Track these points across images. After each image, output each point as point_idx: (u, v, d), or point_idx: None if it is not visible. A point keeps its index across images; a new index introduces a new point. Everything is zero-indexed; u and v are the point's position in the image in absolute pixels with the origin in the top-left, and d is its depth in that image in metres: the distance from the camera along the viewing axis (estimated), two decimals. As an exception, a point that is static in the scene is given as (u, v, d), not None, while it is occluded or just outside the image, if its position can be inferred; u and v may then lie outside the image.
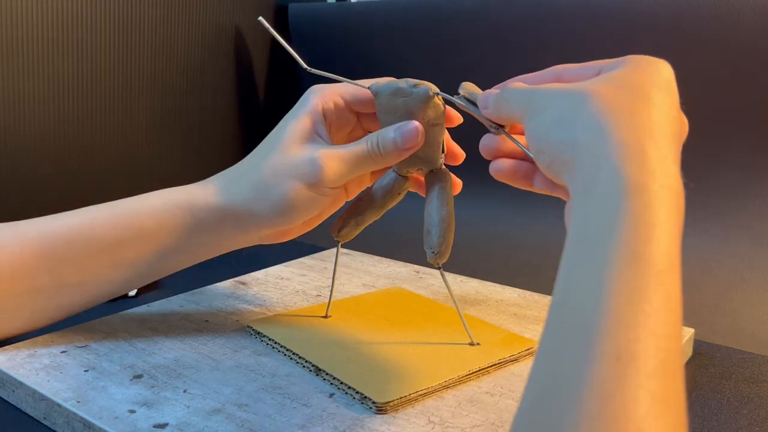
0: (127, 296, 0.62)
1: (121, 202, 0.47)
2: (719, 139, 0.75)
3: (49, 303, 0.46)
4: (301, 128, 0.44)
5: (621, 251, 0.26)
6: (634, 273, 0.25)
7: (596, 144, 0.30)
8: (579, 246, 0.28)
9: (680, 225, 0.28)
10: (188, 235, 0.46)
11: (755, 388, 0.48)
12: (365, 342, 0.47)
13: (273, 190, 0.44)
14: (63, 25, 0.76)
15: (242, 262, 0.72)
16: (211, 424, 0.37)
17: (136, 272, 0.47)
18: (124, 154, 0.85)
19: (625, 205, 0.27)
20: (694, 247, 0.74)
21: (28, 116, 0.75)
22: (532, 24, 0.83)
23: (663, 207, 0.27)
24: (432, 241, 0.44)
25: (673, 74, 0.33)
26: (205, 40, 0.92)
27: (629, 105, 0.31)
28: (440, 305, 0.55)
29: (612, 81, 0.32)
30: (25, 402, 0.42)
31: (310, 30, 1.02)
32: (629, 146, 0.29)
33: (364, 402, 0.40)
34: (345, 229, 0.49)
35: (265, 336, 0.48)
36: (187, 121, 0.92)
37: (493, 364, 0.45)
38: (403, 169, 0.47)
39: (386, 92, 0.44)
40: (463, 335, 0.48)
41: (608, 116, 0.30)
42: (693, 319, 0.62)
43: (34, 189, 0.77)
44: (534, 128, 0.34)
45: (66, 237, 0.45)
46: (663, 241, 0.26)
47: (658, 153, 0.29)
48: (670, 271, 0.26)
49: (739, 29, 0.70)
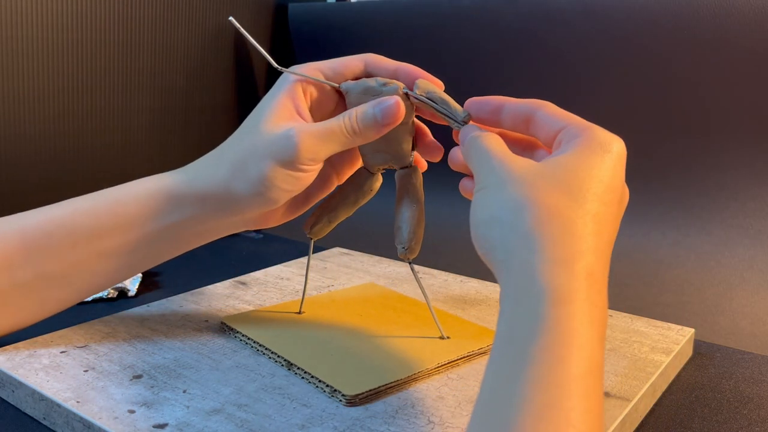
0: (126, 296, 0.62)
1: (103, 191, 0.46)
2: (719, 139, 0.75)
3: (33, 297, 0.45)
4: (280, 107, 0.44)
5: (543, 354, 0.28)
6: (555, 374, 0.27)
7: (530, 257, 0.31)
8: (505, 347, 0.30)
9: (602, 335, 0.30)
10: (171, 220, 0.45)
11: (755, 388, 0.48)
12: (337, 337, 0.48)
13: (249, 168, 0.43)
14: (63, 24, 0.76)
15: (242, 262, 0.72)
16: (210, 424, 0.37)
17: (121, 262, 0.46)
18: (124, 153, 0.85)
19: (550, 314, 0.29)
20: (694, 247, 0.74)
21: (27, 116, 0.75)
22: (532, 24, 0.83)
23: (585, 318, 0.29)
24: (403, 237, 0.45)
25: (623, 152, 0.35)
26: (205, 40, 0.92)
27: (565, 214, 0.32)
28: (413, 300, 0.56)
29: (554, 179, 0.33)
30: (24, 402, 0.42)
31: (309, 30, 1.02)
32: (559, 264, 0.30)
33: (334, 395, 0.40)
34: (317, 226, 0.49)
35: (238, 332, 0.48)
36: (187, 121, 0.92)
37: (462, 357, 0.45)
38: (373, 166, 0.47)
39: (356, 90, 0.44)
40: (434, 329, 0.48)
41: (543, 231, 0.31)
42: (693, 319, 0.62)
43: (34, 189, 0.77)
44: (474, 209, 0.36)
45: (46, 228, 0.45)
46: (583, 347, 0.28)
47: (586, 268, 0.31)
48: (590, 375, 0.27)
49: (739, 29, 0.70)
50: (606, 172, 0.34)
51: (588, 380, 0.27)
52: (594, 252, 0.31)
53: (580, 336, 0.28)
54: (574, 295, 0.29)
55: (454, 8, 0.89)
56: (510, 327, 0.30)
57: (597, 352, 0.29)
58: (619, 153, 0.34)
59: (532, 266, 0.31)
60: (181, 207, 0.45)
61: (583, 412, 0.26)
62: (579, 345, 0.28)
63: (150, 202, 0.45)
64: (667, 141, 0.79)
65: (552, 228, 0.31)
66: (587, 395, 0.27)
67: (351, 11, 0.98)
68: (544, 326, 0.28)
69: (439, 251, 0.77)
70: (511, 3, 0.84)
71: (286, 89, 0.44)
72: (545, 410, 0.26)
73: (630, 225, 0.76)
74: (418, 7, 0.92)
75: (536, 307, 0.29)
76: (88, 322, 0.51)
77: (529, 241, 0.32)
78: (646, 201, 0.78)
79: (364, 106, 0.43)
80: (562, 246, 0.31)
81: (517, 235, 0.32)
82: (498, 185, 0.34)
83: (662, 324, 0.53)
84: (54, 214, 0.45)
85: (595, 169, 0.33)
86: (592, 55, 0.79)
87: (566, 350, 0.27)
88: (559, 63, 0.82)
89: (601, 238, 0.32)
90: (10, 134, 0.74)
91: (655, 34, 0.75)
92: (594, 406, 0.27)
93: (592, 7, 0.78)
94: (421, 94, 0.42)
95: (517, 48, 0.85)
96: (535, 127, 0.38)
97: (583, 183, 0.33)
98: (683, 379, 0.49)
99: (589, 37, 0.79)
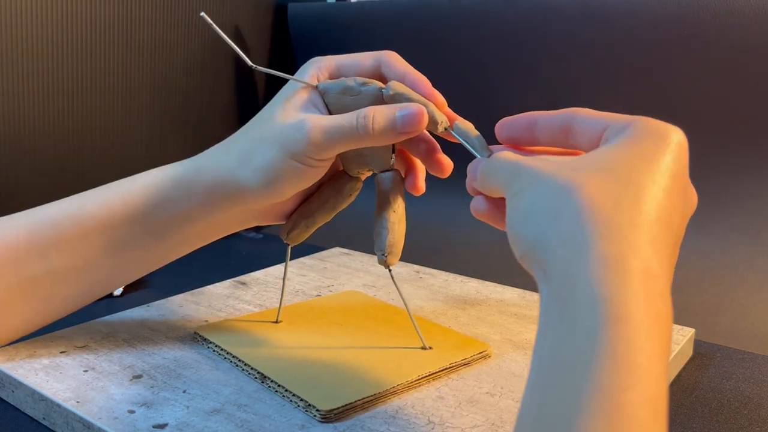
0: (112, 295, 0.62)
1: (113, 183, 0.46)
2: (720, 139, 0.75)
3: (41, 294, 0.44)
4: (296, 98, 0.42)
5: (597, 399, 0.23)
6: (610, 426, 0.23)
7: (573, 256, 0.27)
8: (551, 377, 0.25)
9: (667, 356, 0.25)
10: (179, 209, 0.44)
11: (755, 388, 0.48)
12: (314, 347, 0.46)
13: (257, 155, 0.42)
14: (63, 24, 0.76)
15: (242, 262, 0.72)
16: (210, 425, 0.37)
17: (131, 257, 0.45)
18: (124, 153, 0.85)
19: (604, 338, 0.24)
20: (694, 247, 0.74)
21: (27, 116, 0.75)
22: (533, 24, 0.83)
23: (647, 340, 0.24)
24: (382, 244, 0.43)
25: (684, 142, 0.30)
26: (205, 40, 0.92)
27: (616, 204, 0.27)
28: (396, 309, 0.54)
29: (604, 165, 0.29)
30: (24, 402, 0.42)
31: (309, 30, 1.02)
32: (610, 263, 0.26)
33: (308, 410, 0.39)
34: (295, 232, 0.47)
35: (211, 342, 0.47)
36: (187, 121, 0.92)
37: (445, 369, 0.44)
38: (353, 170, 0.46)
39: (335, 90, 0.42)
40: (416, 340, 0.47)
41: (590, 221, 0.27)
42: (693, 319, 0.62)
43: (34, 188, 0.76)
44: (509, 214, 0.31)
45: (56, 219, 0.44)
46: (645, 385, 0.24)
47: (644, 268, 0.26)
48: (655, 422, 0.23)
49: (740, 29, 0.70)
50: (665, 159, 0.29)
51: (647, 410, 0.23)
52: (652, 245, 0.27)
53: (642, 371, 0.24)
54: (632, 307, 0.25)
55: (454, 8, 0.89)
56: (555, 346, 0.26)
57: (662, 387, 0.24)
58: (679, 143, 0.30)
59: (580, 266, 0.26)
60: (189, 196, 0.44)
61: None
62: (641, 384, 0.23)
63: (159, 190, 0.44)
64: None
65: (601, 217, 0.27)
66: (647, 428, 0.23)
67: (351, 11, 0.98)
68: (598, 353, 0.24)
69: (439, 251, 0.77)
70: (511, 3, 0.84)
71: (307, 77, 0.43)
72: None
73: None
74: (418, 7, 0.92)
75: (588, 325, 0.25)
76: (87, 322, 0.51)
77: (574, 234, 0.27)
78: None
79: (384, 108, 0.40)
80: (614, 239, 0.26)
81: (560, 227, 0.28)
82: (533, 180, 0.30)
83: (662, 324, 0.53)
84: (62, 207, 0.45)
85: (651, 155, 0.29)
86: (593, 55, 0.79)
87: (625, 395, 0.23)
88: (560, 63, 0.82)
89: (662, 230, 0.27)
90: (10, 134, 0.74)
91: (655, 35, 0.75)
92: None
93: (592, 7, 0.78)
94: (392, 94, 0.41)
95: (517, 48, 0.85)
96: (575, 135, 0.34)
97: (636, 168, 0.28)
98: (683, 379, 0.49)
99: (589, 37, 0.79)
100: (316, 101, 0.42)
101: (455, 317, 0.54)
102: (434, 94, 0.41)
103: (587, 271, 0.26)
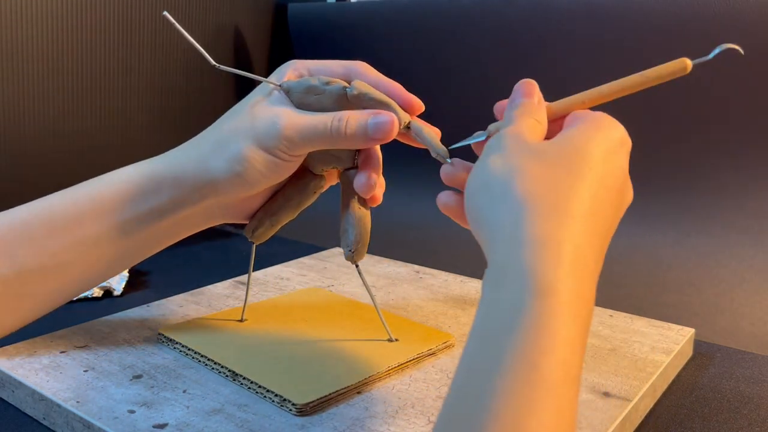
0: (112, 295, 0.62)
1: (85, 182, 0.46)
2: (720, 139, 0.75)
3: (12, 293, 0.44)
4: (272, 93, 0.43)
5: (517, 360, 0.25)
6: (526, 385, 0.25)
7: (512, 234, 0.29)
8: (480, 343, 0.27)
9: (585, 331, 0.27)
10: (148, 205, 0.44)
11: (755, 388, 0.48)
12: (283, 344, 0.46)
13: (231, 145, 0.42)
14: (63, 25, 0.76)
15: (242, 262, 0.72)
16: (210, 425, 0.37)
17: (101, 254, 0.45)
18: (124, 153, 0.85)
19: (529, 308, 0.26)
20: (694, 247, 0.74)
21: (27, 116, 0.75)
22: (532, 23, 0.83)
23: (568, 315, 0.27)
24: (348, 240, 0.44)
25: (626, 139, 0.33)
26: (205, 40, 0.92)
27: (555, 188, 0.30)
28: (360, 304, 0.55)
29: (549, 153, 0.31)
30: (24, 402, 0.42)
31: (309, 30, 1.02)
32: (543, 243, 0.28)
33: (283, 405, 0.39)
34: (259, 230, 0.47)
35: (177, 343, 0.46)
36: (187, 120, 0.92)
37: (412, 359, 0.45)
38: (317, 168, 0.46)
39: (298, 90, 0.42)
40: (382, 332, 0.48)
41: (533, 203, 0.29)
42: (693, 319, 0.62)
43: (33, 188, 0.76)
44: (470, 178, 0.34)
45: (24, 218, 0.44)
46: (561, 351, 0.26)
47: (575, 251, 0.28)
48: (565, 384, 0.25)
49: (738, 29, 0.70)
50: (608, 152, 0.32)
51: (562, 390, 0.25)
52: (586, 234, 0.29)
53: (561, 339, 0.26)
54: (559, 285, 0.27)
55: (454, 8, 0.89)
56: (487, 315, 0.28)
57: (577, 354, 0.27)
58: (621, 138, 0.33)
59: (517, 243, 0.28)
60: (158, 190, 0.44)
61: (553, 428, 0.24)
62: (557, 349, 0.26)
63: (128, 186, 0.44)
64: (668, 142, 0.79)
65: (544, 201, 0.29)
66: (559, 410, 0.25)
67: (351, 11, 0.98)
68: (523, 322, 0.26)
69: (439, 251, 0.77)
70: (511, 3, 0.84)
71: (279, 80, 0.44)
72: (512, 427, 0.24)
73: (630, 225, 0.76)
74: (417, 7, 0.92)
75: (516, 296, 0.27)
76: (88, 322, 0.51)
77: (516, 213, 0.29)
78: (646, 201, 0.78)
79: (359, 114, 0.41)
80: (552, 222, 0.29)
81: (506, 204, 0.30)
82: (496, 151, 0.33)
83: (662, 324, 0.53)
84: (32, 207, 0.45)
85: (596, 146, 0.32)
86: (592, 55, 0.79)
87: (543, 358, 0.25)
88: (559, 63, 0.82)
89: (597, 222, 0.30)
90: (10, 134, 0.74)
91: (655, 35, 0.75)
92: (564, 421, 0.25)
93: (592, 7, 0.78)
94: (357, 94, 0.41)
95: (517, 48, 0.85)
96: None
97: (582, 158, 0.31)
98: (683, 379, 0.49)
99: (589, 37, 0.79)
100: (284, 101, 0.43)
101: (455, 317, 0.54)
102: (411, 98, 0.43)
103: (520, 250, 0.28)
